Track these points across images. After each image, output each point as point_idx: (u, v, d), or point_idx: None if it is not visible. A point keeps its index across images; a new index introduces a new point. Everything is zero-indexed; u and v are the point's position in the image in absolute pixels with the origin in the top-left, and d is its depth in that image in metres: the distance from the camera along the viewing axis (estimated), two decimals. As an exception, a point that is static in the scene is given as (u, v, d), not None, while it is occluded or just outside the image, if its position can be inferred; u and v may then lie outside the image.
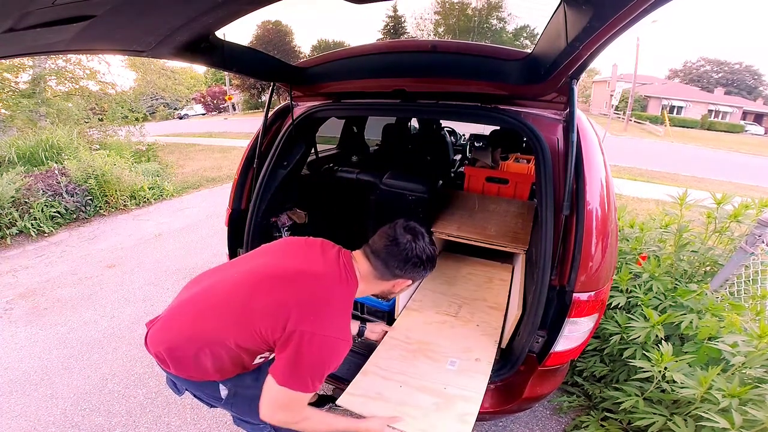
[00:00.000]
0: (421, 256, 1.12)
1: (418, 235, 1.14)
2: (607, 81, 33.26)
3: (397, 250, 1.11)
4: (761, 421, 1.13)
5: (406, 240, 1.11)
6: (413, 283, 1.21)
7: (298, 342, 0.94)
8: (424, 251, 1.13)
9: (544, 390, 1.41)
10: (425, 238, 1.15)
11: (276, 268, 1.09)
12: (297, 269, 1.07)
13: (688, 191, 2.15)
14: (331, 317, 0.99)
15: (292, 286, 1.02)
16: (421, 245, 1.13)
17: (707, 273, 2.11)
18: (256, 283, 1.05)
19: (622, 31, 0.80)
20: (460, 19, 36.58)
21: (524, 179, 2.44)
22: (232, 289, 1.06)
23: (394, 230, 1.14)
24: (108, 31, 0.91)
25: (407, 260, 1.11)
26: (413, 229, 1.15)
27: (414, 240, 1.12)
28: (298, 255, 1.15)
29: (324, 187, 2.49)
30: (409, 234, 1.13)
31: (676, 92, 34.47)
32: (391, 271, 1.12)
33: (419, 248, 1.12)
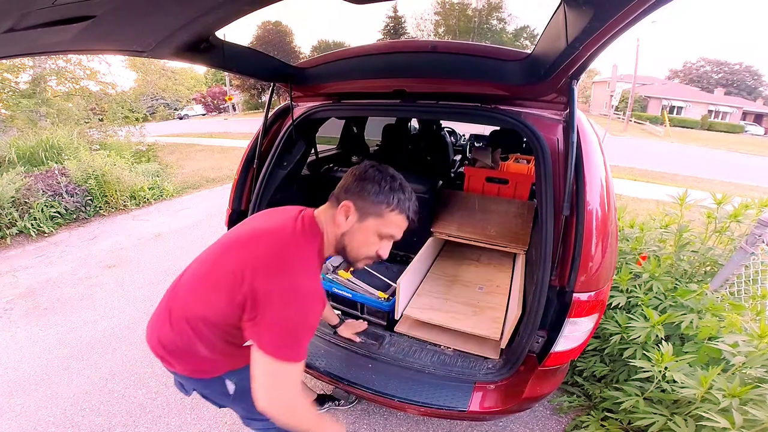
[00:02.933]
0: (368, 170, 0.99)
1: (374, 165, 1.01)
2: (607, 81, 33.25)
3: (349, 173, 1.01)
4: (762, 421, 1.13)
5: (364, 165, 1.01)
6: (362, 216, 0.97)
7: (263, 303, 0.86)
8: (372, 168, 0.99)
9: (544, 390, 1.41)
10: (391, 170, 1.02)
11: (238, 234, 1.04)
12: (255, 230, 1.01)
13: (688, 191, 2.15)
14: (290, 271, 0.90)
15: (247, 246, 0.97)
16: (370, 167, 1.00)
17: (707, 273, 2.11)
18: (220, 254, 1.02)
19: (622, 31, 0.80)
20: (461, 20, 36.61)
21: (524, 179, 2.44)
22: (201, 265, 1.05)
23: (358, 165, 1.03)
24: (108, 32, 0.91)
25: (349, 176, 0.99)
26: (381, 165, 1.03)
27: (371, 165, 1.01)
28: (263, 219, 1.09)
29: (324, 187, 2.49)
30: (373, 165, 1.02)
31: (676, 92, 34.48)
32: (337, 196, 1.00)
33: (371, 167, 0.99)
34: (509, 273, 2.25)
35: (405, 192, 1.00)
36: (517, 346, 1.42)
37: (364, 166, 1.00)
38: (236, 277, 0.90)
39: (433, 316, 1.80)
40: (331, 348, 1.64)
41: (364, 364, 1.56)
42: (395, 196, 0.97)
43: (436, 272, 2.27)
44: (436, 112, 1.81)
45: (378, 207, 0.96)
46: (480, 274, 2.25)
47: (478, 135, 4.92)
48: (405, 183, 1.02)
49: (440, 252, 2.52)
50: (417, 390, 1.43)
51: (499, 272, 2.27)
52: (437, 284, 2.12)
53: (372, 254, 1.04)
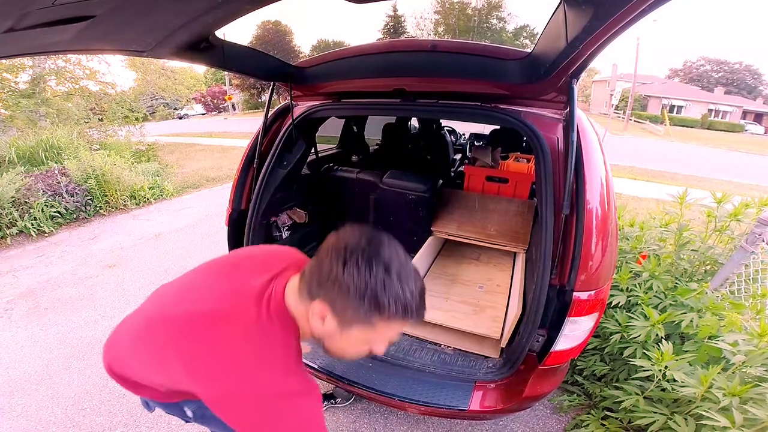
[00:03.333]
0: (349, 250, 0.66)
1: (372, 240, 0.69)
2: (607, 80, 33.23)
3: (324, 253, 0.70)
4: (762, 420, 1.13)
5: (344, 239, 0.69)
6: (343, 323, 0.69)
7: (215, 410, 0.71)
8: (356, 247, 0.67)
9: (545, 389, 1.41)
10: (384, 247, 0.68)
11: (173, 306, 0.85)
12: (191, 311, 0.79)
13: (688, 190, 2.15)
14: (242, 371, 0.69)
15: (177, 336, 0.78)
16: (352, 250, 0.66)
17: (707, 272, 2.11)
18: (148, 327, 0.86)
19: (622, 30, 0.80)
20: (460, 19, 36.57)
21: (524, 178, 2.44)
22: (139, 330, 0.90)
23: (341, 233, 0.73)
24: (108, 31, 0.91)
25: (319, 267, 0.69)
26: (374, 237, 0.70)
27: (356, 243, 0.68)
28: (214, 283, 0.86)
29: (324, 186, 2.49)
30: (359, 236, 0.69)
31: (676, 92, 34.45)
32: (308, 286, 0.72)
33: (354, 244, 0.67)
34: (509, 272, 2.25)
35: (404, 282, 0.66)
36: (517, 345, 1.42)
37: (342, 239, 0.69)
38: (165, 373, 0.80)
39: (434, 315, 1.81)
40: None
41: (364, 363, 1.56)
42: (389, 295, 0.64)
43: (436, 271, 2.27)
44: (436, 111, 1.81)
45: (365, 314, 0.66)
46: (480, 273, 2.25)
47: (478, 134, 4.92)
48: (404, 264, 0.69)
49: (440, 251, 2.52)
50: (417, 389, 1.43)
51: (499, 271, 2.27)
52: (437, 283, 2.12)
53: (361, 355, 0.79)
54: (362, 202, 2.41)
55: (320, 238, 2.57)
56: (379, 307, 0.65)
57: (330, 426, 1.84)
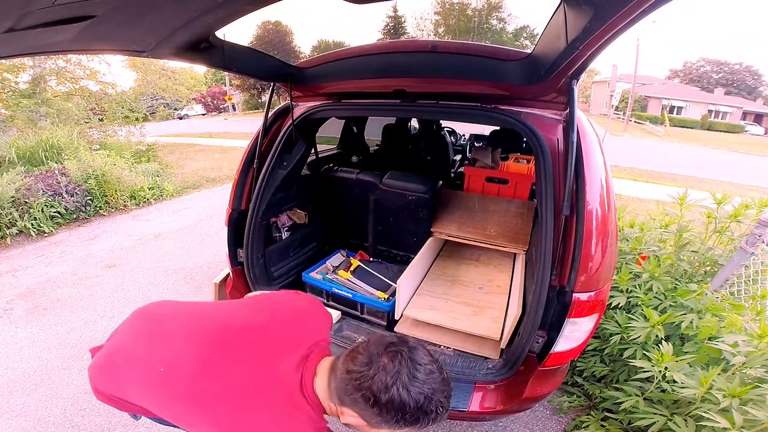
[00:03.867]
0: (382, 391, 0.69)
1: (401, 359, 0.72)
2: (607, 81, 33.25)
3: (354, 368, 0.74)
4: (762, 421, 1.13)
5: (375, 361, 0.73)
6: (372, 425, 0.75)
7: None
8: (391, 387, 0.69)
9: (544, 390, 1.41)
10: (413, 368, 0.72)
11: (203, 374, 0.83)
12: (226, 385, 0.81)
13: (688, 191, 2.15)
14: None
15: (210, 405, 0.80)
16: (389, 375, 0.70)
17: (707, 273, 2.11)
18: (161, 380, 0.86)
19: (622, 31, 0.80)
20: (460, 20, 36.60)
21: (524, 179, 2.44)
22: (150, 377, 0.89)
23: (369, 346, 0.77)
24: (108, 31, 0.91)
25: (356, 386, 0.72)
26: (398, 349, 0.74)
27: (385, 366, 0.71)
28: (242, 353, 0.86)
29: (324, 187, 2.49)
30: (388, 356, 0.73)
31: (676, 92, 34.47)
32: (340, 395, 0.76)
33: (384, 379, 0.70)
34: (509, 273, 2.25)
35: (437, 404, 0.72)
36: (517, 346, 1.42)
37: (378, 361, 0.73)
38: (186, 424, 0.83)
39: (433, 316, 1.80)
40: (331, 348, 1.63)
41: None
42: (423, 417, 0.72)
43: (436, 272, 2.27)
44: (436, 111, 1.81)
45: (393, 426, 0.73)
46: (480, 274, 2.25)
47: (478, 135, 4.92)
48: (437, 384, 0.73)
49: (440, 252, 2.52)
50: (417, 390, 1.42)
51: (499, 272, 2.27)
52: (437, 284, 2.12)
53: None
54: (362, 203, 2.41)
55: (320, 238, 2.57)
56: (414, 422, 0.72)
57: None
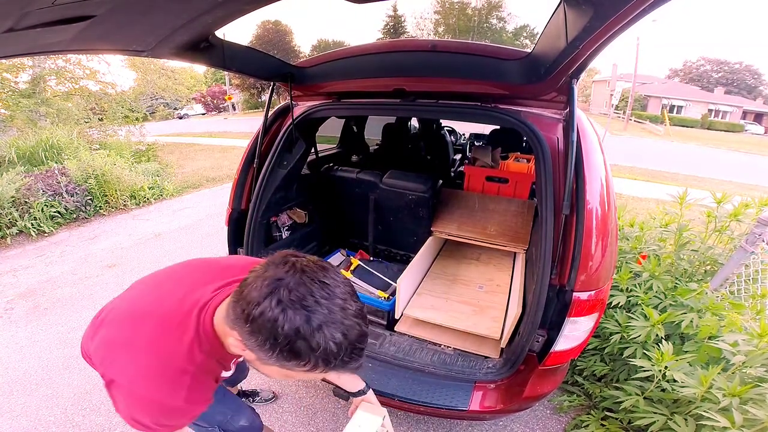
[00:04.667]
0: (254, 303, 0.57)
1: (292, 270, 0.59)
2: (607, 80, 33.23)
3: (248, 285, 0.61)
4: (762, 420, 1.13)
5: (269, 273, 0.60)
6: (261, 359, 0.63)
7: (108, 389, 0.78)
8: (264, 299, 0.57)
9: (545, 389, 1.41)
10: (304, 281, 0.58)
11: (125, 304, 0.91)
12: (135, 310, 0.86)
13: (688, 190, 2.15)
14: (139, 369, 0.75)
15: (113, 326, 0.85)
16: (266, 284, 0.58)
17: (707, 272, 2.11)
18: (106, 317, 0.92)
19: (622, 30, 0.80)
20: (460, 19, 36.56)
21: (524, 178, 2.44)
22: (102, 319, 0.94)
23: (276, 256, 0.64)
24: (108, 31, 0.91)
25: (236, 297, 0.62)
26: (296, 260, 0.62)
27: (266, 274, 0.60)
28: (174, 285, 0.90)
29: (324, 186, 2.49)
30: (281, 266, 0.61)
31: (676, 92, 34.44)
32: (229, 315, 0.65)
33: (260, 287, 0.58)
34: (509, 272, 2.25)
35: (330, 330, 0.58)
36: (517, 345, 1.42)
37: (268, 273, 0.60)
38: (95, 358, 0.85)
39: (433, 315, 1.81)
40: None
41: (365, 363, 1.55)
42: (306, 347, 0.57)
43: (436, 271, 2.27)
44: (436, 111, 1.81)
45: (279, 360, 0.59)
46: (480, 273, 2.25)
47: (477, 134, 4.93)
48: (334, 308, 0.59)
49: (440, 251, 2.52)
50: (417, 389, 1.43)
51: (499, 271, 2.27)
52: (437, 283, 2.13)
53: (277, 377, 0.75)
54: (362, 202, 2.41)
55: (320, 238, 2.57)
56: (295, 357, 0.58)
57: (330, 426, 1.84)
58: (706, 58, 48.83)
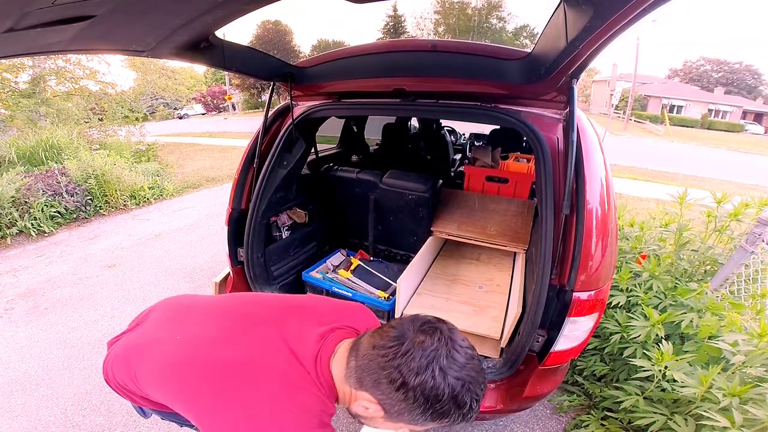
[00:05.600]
0: (414, 372, 0.60)
1: (440, 337, 0.63)
2: (607, 80, 33.24)
3: (382, 343, 0.65)
4: (762, 420, 1.13)
5: (409, 337, 0.64)
6: (391, 416, 0.66)
7: None
8: (426, 369, 0.60)
9: (545, 389, 1.41)
10: (453, 349, 0.63)
11: (206, 347, 0.79)
12: (226, 357, 0.75)
13: (687, 190, 2.15)
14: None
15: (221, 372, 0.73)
16: (425, 353, 0.61)
17: (707, 272, 2.11)
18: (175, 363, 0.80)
19: (622, 30, 0.80)
20: (460, 19, 36.56)
21: (524, 178, 2.44)
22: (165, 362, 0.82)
23: (402, 321, 0.68)
24: (108, 31, 0.91)
25: (382, 365, 0.63)
26: (437, 326, 0.66)
27: (422, 342, 0.62)
28: (255, 328, 0.81)
29: (324, 186, 2.49)
30: (425, 333, 0.64)
31: (676, 91, 34.45)
32: (356, 372, 0.67)
33: (418, 358, 0.61)
34: (509, 272, 2.25)
35: (473, 392, 0.62)
36: (517, 345, 1.42)
37: (410, 340, 0.63)
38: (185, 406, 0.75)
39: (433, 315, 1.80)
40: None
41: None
42: (455, 411, 0.62)
43: (437, 271, 2.27)
44: (436, 111, 1.81)
45: (421, 420, 0.63)
46: (480, 273, 2.25)
47: (478, 134, 4.93)
48: (475, 369, 0.64)
49: (440, 251, 2.52)
50: (417, 389, 1.43)
51: (499, 271, 2.27)
52: (437, 283, 2.12)
53: None
54: (362, 202, 2.41)
55: (320, 238, 2.57)
56: (442, 417, 0.62)
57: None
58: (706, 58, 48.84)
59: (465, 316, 1.81)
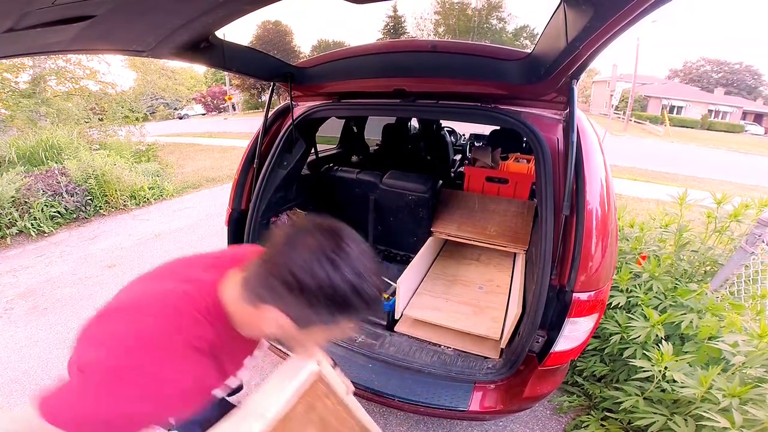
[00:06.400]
0: (305, 270, 0.58)
1: (326, 234, 0.62)
2: (607, 81, 33.25)
3: (276, 254, 0.62)
4: (762, 421, 1.13)
5: (295, 239, 0.62)
6: (302, 325, 0.64)
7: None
8: (315, 264, 0.58)
9: (544, 390, 1.41)
10: (341, 242, 0.61)
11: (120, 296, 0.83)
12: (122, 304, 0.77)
13: (687, 191, 2.15)
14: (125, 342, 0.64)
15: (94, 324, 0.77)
16: (312, 251, 0.59)
17: (707, 273, 2.11)
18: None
19: (622, 31, 0.80)
20: (460, 19, 36.58)
21: (524, 179, 2.44)
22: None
23: (287, 227, 0.66)
24: (108, 31, 0.91)
25: (274, 271, 0.61)
26: (322, 224, 0.64)
27: (306, 242, 0.60)
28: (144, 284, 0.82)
29: (324, 187, 2.49)
30: (310, 232, 0.62)
31: (676, 92, 34.46)
32: (253, 287, 0.65)
33: (306, 256, 0.59)
34: (509, 272, 2.25)
35: (370, 277, 0.62)
36: (517, 345, 1.42)
37: (297, 237, 0.62)
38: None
39: (433, 315, 1.81)
40: (332, 348, 1.64)
41: (365, 363, 1.56)
42: (357, 296, 0.60)
43: (436, 272, 2.27)
44: (436, 111, 1.81)
45: (330, 317, 0.63)
46: (480, 274, 2.25)
47: (478, 134, 4.92)
48: (367, 255, 0.64)
49: (440, 252, 2.52)
50: (417, 390, 1.43)
51: (499, 272, 2.27)
52: (437, 284, 2.12)
53: (321, 345, 0.77)
54: (362, 203, 2.41)
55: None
56: (347, 308, 0.61)
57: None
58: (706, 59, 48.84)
59: (465, 317, 1.81)
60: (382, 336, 1.74)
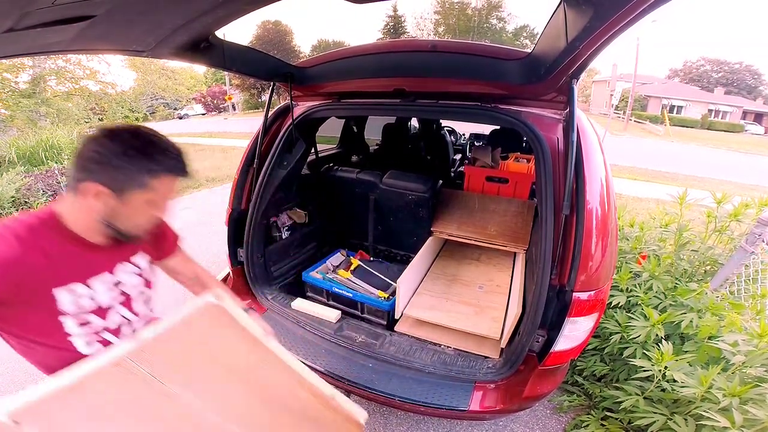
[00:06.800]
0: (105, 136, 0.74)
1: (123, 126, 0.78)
2: (607, 81, 33.23)
3: (83, 147, 0.75)
4: (762, 420, 1.13)
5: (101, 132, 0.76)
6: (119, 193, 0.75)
7: None
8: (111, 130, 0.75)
9: (544, 389, 1.41)
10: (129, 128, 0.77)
11: None
12: None
13: (687, 190, 2.15)
14: None
15: None
16: (108, 129, 0.75)
17: (707, 272, 2.11)
18: None
19: (622, 30, 0.80)
20: (460, 19, 36.59)
21: (524, 179, 2.44)
22: None
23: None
24: (108, 31, 0.91)
25: (81, 153, 0.74)
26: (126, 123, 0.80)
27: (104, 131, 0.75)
28: None
29: (324, 186, 2.49)
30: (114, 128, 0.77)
31: (676, 92, 34.43)
32: (72, 178, 0.76)
33: (103, 132, 0.75)
34: (509, 272, 2.25)
35: (162, 143, 0.78)
36: (517, 345, 1.42)
37: (95, 136, 0.75)
38: None
39: (434, 315, 1.81)
40: (332, 348, 1.64)
41: (365, 363, 1.56)
42: (152, 153, 0.76)
43: (437, 272, 2.27)
44: (436, 111, 1.81)
45: (137, 178, 0.75)
46: (480, 274, 2.25)
47: (478, 134, 4.92)
48: (154, 138, 0.78)
49: (440, 251, 2.52)
50: (417, 389, 1.43)
51: (499, 271, 2.27)
52: (437, 284, 2.13)
53: (152, 221, 0.88)
54: (362, 203, 2.41)
55: (320, 238, 2.57)
56: (149, 160, 0.75)
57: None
58: (706, 58, 48.80)
59: (465, 317, 1.81)
60: (382, 336, 1.74)
